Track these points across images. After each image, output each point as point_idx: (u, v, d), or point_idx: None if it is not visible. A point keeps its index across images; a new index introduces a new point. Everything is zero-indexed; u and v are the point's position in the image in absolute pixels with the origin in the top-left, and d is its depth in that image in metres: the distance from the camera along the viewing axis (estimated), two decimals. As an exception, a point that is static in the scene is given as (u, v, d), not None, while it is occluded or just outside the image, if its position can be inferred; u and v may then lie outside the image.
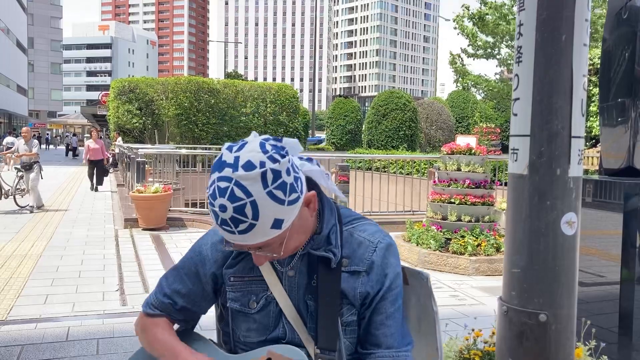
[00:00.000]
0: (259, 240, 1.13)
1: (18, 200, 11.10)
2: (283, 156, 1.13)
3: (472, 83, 19.00)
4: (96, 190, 15.06)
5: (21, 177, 11.16)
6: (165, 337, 1.35)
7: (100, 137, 17.62)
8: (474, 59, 18.84)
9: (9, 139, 26.51)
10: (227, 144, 1.17)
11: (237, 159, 1.10)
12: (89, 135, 19.68)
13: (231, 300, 1.34)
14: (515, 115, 1.62)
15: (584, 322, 2.25)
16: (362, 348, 1.32)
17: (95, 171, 15.25)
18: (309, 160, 1.26)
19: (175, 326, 1.44)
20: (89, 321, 4.47)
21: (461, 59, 19.10)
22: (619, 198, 3.07)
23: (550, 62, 1.53)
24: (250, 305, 1.32)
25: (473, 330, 2.39)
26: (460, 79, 19.32)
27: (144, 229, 8.85)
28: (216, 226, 1.14)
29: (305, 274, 1.30)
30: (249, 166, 1.09)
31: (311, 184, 1.26)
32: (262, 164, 1.09)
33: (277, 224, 1.12)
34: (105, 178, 16.31)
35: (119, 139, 21.07)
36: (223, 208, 1.09)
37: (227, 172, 1.10)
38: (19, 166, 11.23)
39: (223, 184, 1.09)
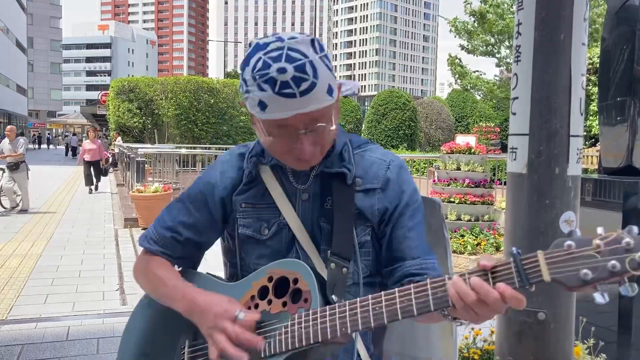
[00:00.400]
0: (318, 105, 1.11)
1: (3, 201, 10.83)
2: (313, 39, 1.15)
3: (471, 85, 19.00)
4: (96, 188, 14.75)
5: (9, 178, 10.53)
6: (174, 281, 1.27)
7: (99, 137, 17.42)
8: (474, 55, 18.81)
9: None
10: (257, 39, 1.15)
11: (279, 36, 1.11)
12: (86, 135, 19.62)
13: (242, 227, 1.30)
14: (514, 114, 1.63)
15: (582, 321, 2.26)
16: (388, 266, 1.28)
17: (93, 171, 14.72)
18: None
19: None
20: (89, 320, 4.47)
21: (459, 60, 19.10)
22: (618, 197, 3.07)
23: (549, 61, 1.54)
24: (262, 232, 1.28)
25: (472, 329, 2.40)
26: (459, 81, 19.32)
27: (144, 229, 8.82)
28: (270, 97, 1.08)
29: (319, 197, 1.27)
30: (295, 36, 1.11)
31: None
32: (308, 36, 1.12)
33: (330, 90, 1.12)
34: (103, 178, 15.76)
35: (119, 138, 21.08)
36: (282, 70, 1.07)
37: (276, 44, 1.09)
38: (3, 166, 10.65)
39: (275, 53, 1.08)
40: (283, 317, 1.14)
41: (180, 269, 1.37)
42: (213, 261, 1.64)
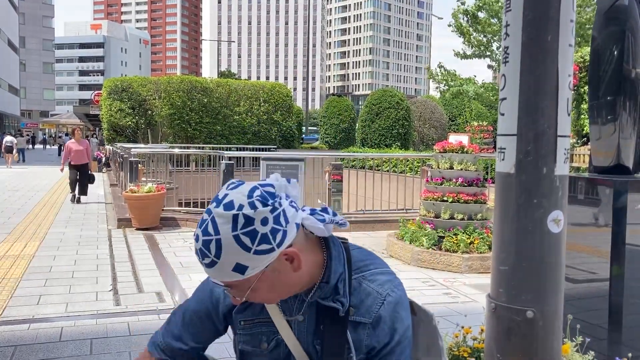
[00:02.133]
0: (222, 278, 1.17)
1: None
2: (265, 205, 1.12)
3: (461, 89, 19.06)
4: (78, 201, 12.24)
5: None
6: None
7: (87, 137, 16.71)
8: (466, 59, 18.87)
9: (8, 138, 27.46)
10: (235, 183, 1.20)
11: (225, 196, 1.15)
12: (64, 133, 18.83)
13: (242, 343, 1.37)
14: (502, 114, 1.64)
15: (569, 318, 2.28)
16: None
17: (78, 178, 12.43)
18: (324, 210, 1.24)
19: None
20: (83, 321, 4.47)
21: (442, 69, 19.17)
22: (608, 195, 3.10)
23: (536, 62, 1.55)
24: (262, 347, 1.34)
25: (463, 327, 2.42)
26: (447, 85, 19.39)
27: (138, 229, 8.83)
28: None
29: (314, 320, 1.30)
30: (228, 206, 1.13)
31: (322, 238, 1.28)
32: (240, 207, 1.12)
33: (239, 268, 1.13)
34: (91, 186, 13.27)
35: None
36: (196, 238, 1.15)
37: (212, 205, 1.15)
38: None
39: (205, 216, 1.16)
40: None
41: None
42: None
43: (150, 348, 1.44)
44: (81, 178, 12.45)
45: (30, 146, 50.25)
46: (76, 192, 12.39)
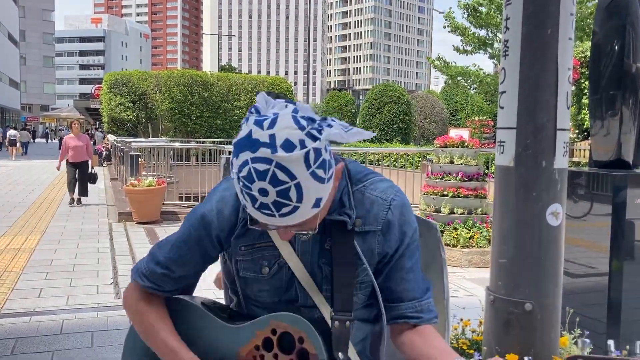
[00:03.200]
0: (299, 220, 1.08)
1: None
2: (320, 131, 1.06)
3: (460, 76, 19.00)
4: (79, 202, 11.00)
5: None
6: (164, 335, 1.27)
7: (89, 131, 15.50)
8: (466, 55, 18.82)
9: (11, 132, 28.10)
10: (253, 118, 1.07)
11: (273, 137, 1.02)
12: (64, 127, 18.26)
13: (243, 270, 1.30)
14: (502, 108, 1.65)
15: (568, 311, 2.29)
16: (384, 300, 1.29)
17: (77, 176, 11.00)
18: (323, 119, 1.15)
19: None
20: (83, 314, 4.49)
21: (442, 59, 19.12)
22: (608, 190, 3.11)
23: (536, 56, 1.56)
24: (262, 271, 1.28)
25: (462, 320, 2.43)
26: (445, 74, 19.35)
27: (138, 223, 8.85)
28: (251, 210, 1.07)
29: (318, 238, 1.26)
30: (289, 146, 1.01)
31: None
32: (303, 143, 1.03)
33: (317, 202, 1.07)
34: (92, 185, 11.72)
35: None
36: (264, 192, 1.02)
37: (265, 152, 1.01)
38: None
39: (261, 167, 1.01)
40: None
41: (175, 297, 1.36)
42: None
43: (135, 277, 1.32)
44: (81, 177, 11.02)
45: (31, 140, 50.30)
46: (75, 193, 11.01)
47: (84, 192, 11.13)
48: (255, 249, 1.28)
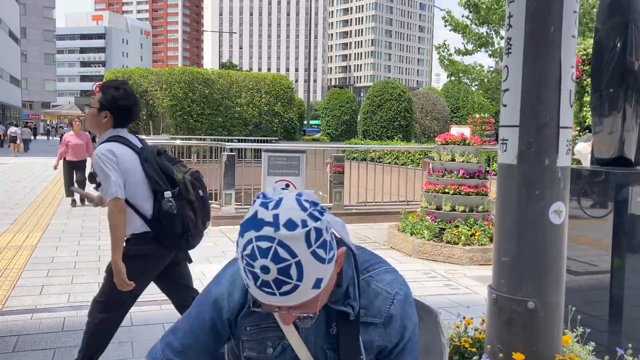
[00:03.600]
0: (299, 301, 1.10)
1: None
2: (322, 213, 1.11)
3: (462, 73, 18.98)
4: (82, 202, 10.52)
5: None
6: None
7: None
8: (466, 55, 18.77)
9: (12, 129, 28.57)
10: (260, 201, 1.12)
11: (276, 216, 1.06)
12: (65, 124, 17.92)
13: (247, 349, 1.33)
14: (505, 106, 1.64)
15: (570, 309, 2.29)
16: None
17: (75, 176, 10.47)
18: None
19: None
20: (85, 311, 4.47)
21: (447, 48, 19.07)
22: (610, 188, 3.10)
23: (539, 54, 1.55)
24: (267, 352, 1.31)
25: (464, 317, 2.43)
26: (448, 69, 19.31)
27: (139, 220, 8.85)
28: (252, 289, 1.10)
29: (323, 323, 1.28)
30: (291, 225, 1.05)
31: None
32: (305, 223, 1.07)
33: (317, 283, 1.09)
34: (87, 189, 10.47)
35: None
36: (266, 269, 1.05)
37: (268, 231, 1.05)
38: None
39: (264, 244, 1.05)
40: None
41: None
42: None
43: None
44: (79, 177, 10.36)
45: (33, 137, 50.34)
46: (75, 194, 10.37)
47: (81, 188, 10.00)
48: (260, 329, 1.31)
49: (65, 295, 4.91)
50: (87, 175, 8.15)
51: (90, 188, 3.50)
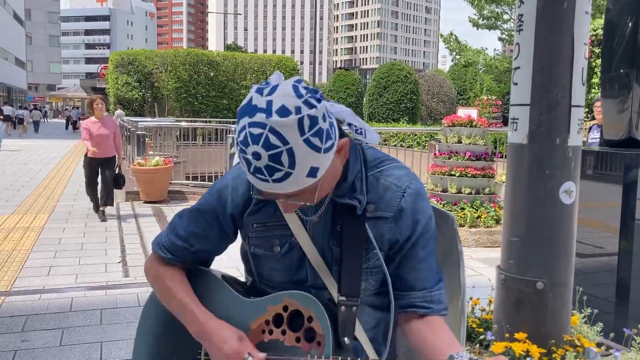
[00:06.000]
0: (293, 189, 1.08)
1: None
2: (319, 100, 1.07)
3: (471, 60, 18.88)
4: (102, 215, 7.58)
5: None
6: (184, 298, 1.31)
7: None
8: (477, 29, 18.64)
9: (19, 111, 29.45)
10: (256, 86, 1.09)
11: (270, 103, 1.03)
12: (71, 107, 16.45)
13: (254, 246, 1.32)
14: (516, 84, 1.61)
15: (578, 290, 2.28)
16: (394, 288, 1.29)
17: (101, 177, 7.65)
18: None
19: None
20: (92, 292, 4.52)
21: (455, 37, 18.95)
22: (619, 169, 3.07)
23: (551, 30, 1.52)
24: (274, 250, 1.30)
25: (471, 298, 2.42)
26: (457, 56, 19.22)
27: (145, 202, 8.88)
28: (247, 174, 1.09)
29: (330, 220, 1.26)
30: (284, 112, 1.02)
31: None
32: (298, 110, 1.03)
33: (312, 172, 1.07)
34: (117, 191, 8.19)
35: (118, 111, 20.90)
36: (257, 156, 1.03)
37: (260, 117, 1.03)
38: None
39: (256, 130, 1.03)
40: (294, 351, 1.20)
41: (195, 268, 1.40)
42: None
43: (155, 249, 1.37)
44: (105, 179, 7.61)
45: (43, 119, 50.51)
46: (99, 198, 7.64)
47: (108, 199, 7.68)
48: (267, 227, 1.29)
49: (73, 276, 4.94)
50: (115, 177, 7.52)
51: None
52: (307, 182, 1.08)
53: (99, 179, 7.66)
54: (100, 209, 7.59)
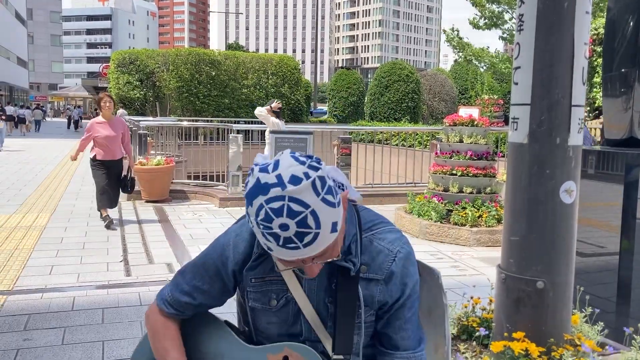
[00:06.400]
0: (322, 247, 1.15)
1: None
2: (319, 163, 1.16)
3: (474, 57, 18.89)
4: (109, 225, 6.91)
5: None
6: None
7: (96, 110, 9.29)
8: (480, 30, 18.64)
9: (20, 111, 30.40)
10: (257, 168, 1.15)
11: (279, 177, 1.11)
12: (73, 105, 16.52)
13: (252, 300, 1.38)
14: (516, 84, 1.62)
15: (579, 290, 2.28)
16: (380, 345, 1.38)
17: (110, 185, 7.05)
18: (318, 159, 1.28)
19: None
20: (94, 291, 4.53)
21: (457, 33, 18.96)
22: (620, 169, 3.07)
23: (552, 30, 1.52)
24: (271, 304, 1.36)
25: (472, 297, 2.43)
26: (460, 53, 19.23)
27: (147, 201, 8.89)
28: (276, 249, 1.14)
29: (325, 278, 1.33)
30: (296, 180, 1.10)
31: None
32: (307, 175, 1.11)
33: (334, 227, 1.14)
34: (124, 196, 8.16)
35: (121, 111, 20.89)
36: (285, 227, 1.10)
37: (276, 191, 1.10)
38: None
39: (276, 204, 1.09)
40: None
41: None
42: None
43: (159, 303, 1.44)
44: (112, 184, 7.09)
45: (44, 119, 50.62)
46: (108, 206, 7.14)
47: (115, 204, 7.35)
48: (265, 281, 1.36)
49: (75, 275, 4.95)
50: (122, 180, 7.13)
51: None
52: (332, 238, 1.15)
53: (109, 184, 7.03)
54: (107, 214, 7.00)
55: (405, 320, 1.36)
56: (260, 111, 8.64)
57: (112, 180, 7.07)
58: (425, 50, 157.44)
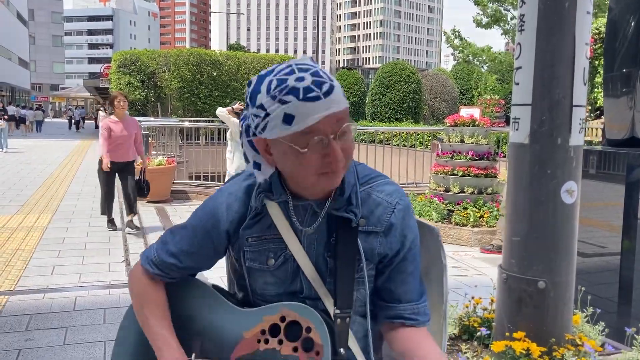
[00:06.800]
0: (340, 105, 1.15)
1: None
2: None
3: (474, 56, 18.93)
4: (130, 226, 6.79)
5: None
6: (159, 327, 1.34)
7: (98, 110, 8.87)
8: (484, 29, 18.67)
9: (22, 111, 30.83)
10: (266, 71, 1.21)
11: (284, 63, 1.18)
12: (74, 106, 16.60)
13: (249, 260, 1.34)
14: (517, 84, 1.62)
15: (580, 290, 2.28)
16: (381, 300, 1.35)
17: (121, 184, 6.96)
18: None
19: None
20: (96, 291, 4.54)
21: (457, 33, 19.00)
22: (622, 169, 3.07)
23: (553, 30, 1.52)
24: (268, 263, 1.32)
25: (473, 298, 2.43)
26: (460, 53, 19.26)
27: (149, 202, 8.90)
28: (297, 103, 1.12)
29: (325, 232, 1.30)
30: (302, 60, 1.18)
31: None
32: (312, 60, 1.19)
33: (343, 94, 1.18)
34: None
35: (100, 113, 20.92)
36: (301, 78, 1.13)
37: (282, 66, 1.17)
38: None
39: (286, 70, 1.15)
40: None
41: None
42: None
43: (143, 263, 1.39)
44: (124, 186, 6.88)
45: (44, 119, 50.72)
46: (121, 211, 7.43)
47: (131, 209, 6.90)
48: (262, 240, 1.32)
49: (77, 275, 4.96)
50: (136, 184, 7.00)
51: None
52: (345, 103, 1.17)
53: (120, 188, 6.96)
54: (128, 218, 6.80)
55: (407, 274, 1.33)
56: (221, 111, 8.48)
57: (125, 185, 6.82)
58: (427, 51, 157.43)
